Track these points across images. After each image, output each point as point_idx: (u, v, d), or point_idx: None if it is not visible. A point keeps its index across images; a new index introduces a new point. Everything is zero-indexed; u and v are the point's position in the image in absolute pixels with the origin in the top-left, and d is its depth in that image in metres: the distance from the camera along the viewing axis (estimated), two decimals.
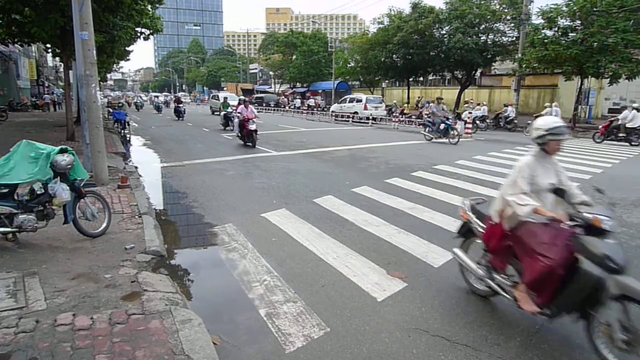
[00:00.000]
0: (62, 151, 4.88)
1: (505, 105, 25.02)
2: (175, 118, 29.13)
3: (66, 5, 10.29)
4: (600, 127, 19.13)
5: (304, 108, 37.31)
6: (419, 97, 45.65)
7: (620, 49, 20.59)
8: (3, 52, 29.34)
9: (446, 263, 4.87)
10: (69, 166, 4.86)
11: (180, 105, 29.72)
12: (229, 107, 21.70)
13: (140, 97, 59.74)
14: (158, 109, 38.62)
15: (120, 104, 22.15)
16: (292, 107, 41.22)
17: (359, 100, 29.41)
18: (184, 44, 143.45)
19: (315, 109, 37.16)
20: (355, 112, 28.33)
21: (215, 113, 30.70)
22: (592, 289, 3.03)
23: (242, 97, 19.16)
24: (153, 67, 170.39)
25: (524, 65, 24.73)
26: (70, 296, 3.68)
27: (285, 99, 48.03)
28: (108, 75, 53.37)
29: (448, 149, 15.32)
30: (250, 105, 15.79)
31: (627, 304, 2.90)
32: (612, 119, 18.82)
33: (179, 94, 48.20)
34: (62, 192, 4.75)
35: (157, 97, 50.64)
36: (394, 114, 26.39)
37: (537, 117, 18.36)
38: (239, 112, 15.22)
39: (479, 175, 9.94)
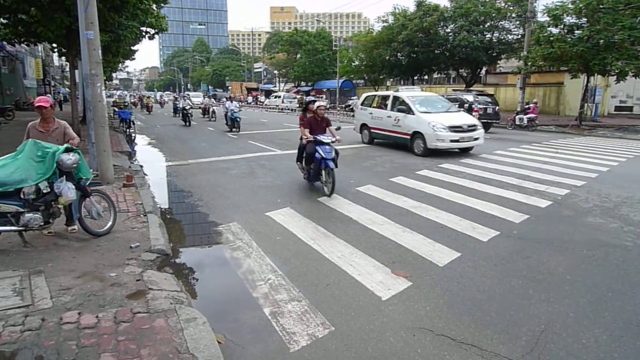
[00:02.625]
0: (67, 150, 4.90)
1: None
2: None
3: (72, 5, 10.35)
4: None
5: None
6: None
7: (627, 46, 20.40)
8: (10, 51, 29.50)
9: (451, 262, 4.86)
10: (75, 165, 4.88)
11: (327, 146, 7.94)
12: None
13: (186, 96, 32.33)
14: (234, 122, 19.99)
15: (125, 104, 22.17)
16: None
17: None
18: (189, 43, 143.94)
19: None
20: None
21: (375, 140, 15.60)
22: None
23: None
24: (158, 67, 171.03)
25: (529, 63, 24.55)
26: (76, 294, 3.70)
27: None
28: (113, 75, 52.91)
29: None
30: None
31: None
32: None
33: (310, 98, 11.20)
34: (68, 191, 4.77)
35: (228, 99, 25.21)
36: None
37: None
38: None
39: (485, 173, 9.89)
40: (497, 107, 21.84)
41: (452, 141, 12.43)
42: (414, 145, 13.11)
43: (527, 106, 23.31)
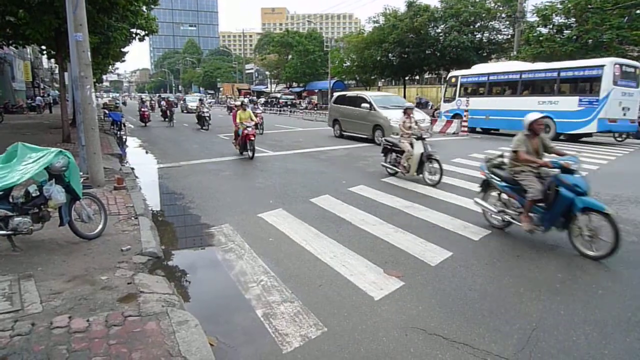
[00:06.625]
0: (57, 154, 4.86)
1: None
2: None
3: (60, 6, 10.25)
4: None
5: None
6: (417, 97, 45.91)
7: (615, 45, 20.68)
8: None
9: (443, 261, 4.88)
10: (64, 168, 4.83)
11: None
12: None
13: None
14: None
15: (116, 105, 21.97)
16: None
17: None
18: (180, 44, 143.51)
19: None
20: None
21: None
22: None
23: None
24: (149, 68, 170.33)
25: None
26: (66, 298, 3.66)
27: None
28: (104, 77, 51.76)
29: (444, 147, 15.30)
30: None
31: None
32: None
33: None
34: (58, 194, 4.72)
35: None
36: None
37: None
38: None
39: (476, 172, 9.92)
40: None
41: None
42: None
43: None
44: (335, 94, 19.95)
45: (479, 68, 22.55)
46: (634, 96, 17.07)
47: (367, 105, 16.16)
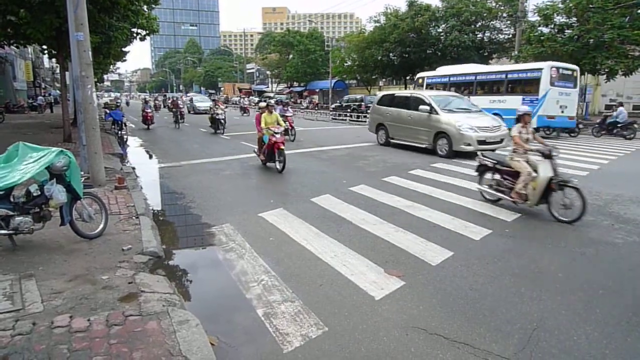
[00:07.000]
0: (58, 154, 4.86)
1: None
2: None
3: (61, 6, 10.26)
4: None
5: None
6: None
7: (616, 45, 20.64)
8: None
9: (444, 261, 4.87)
10: (65, 168, 4.83)
11: None
12: None
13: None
14: None
15: (117, 104, 21.92)
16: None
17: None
18: (181, 44, 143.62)
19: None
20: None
21: None
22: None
23: None
24: (150, 68, 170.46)
25: (520, 62, 24.80)
26: (67, 298, 3.66)
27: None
28: (105, 76, 51.63)
29: None
30: None
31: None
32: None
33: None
34: (59, 193, 4.72)
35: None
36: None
37: None
38: None
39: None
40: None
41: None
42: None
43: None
44: (380, 93, 17.76)
45: (442, 70, 24.48)
46: (571, 95, 18.66)
47: (427, 107, 13.23)
